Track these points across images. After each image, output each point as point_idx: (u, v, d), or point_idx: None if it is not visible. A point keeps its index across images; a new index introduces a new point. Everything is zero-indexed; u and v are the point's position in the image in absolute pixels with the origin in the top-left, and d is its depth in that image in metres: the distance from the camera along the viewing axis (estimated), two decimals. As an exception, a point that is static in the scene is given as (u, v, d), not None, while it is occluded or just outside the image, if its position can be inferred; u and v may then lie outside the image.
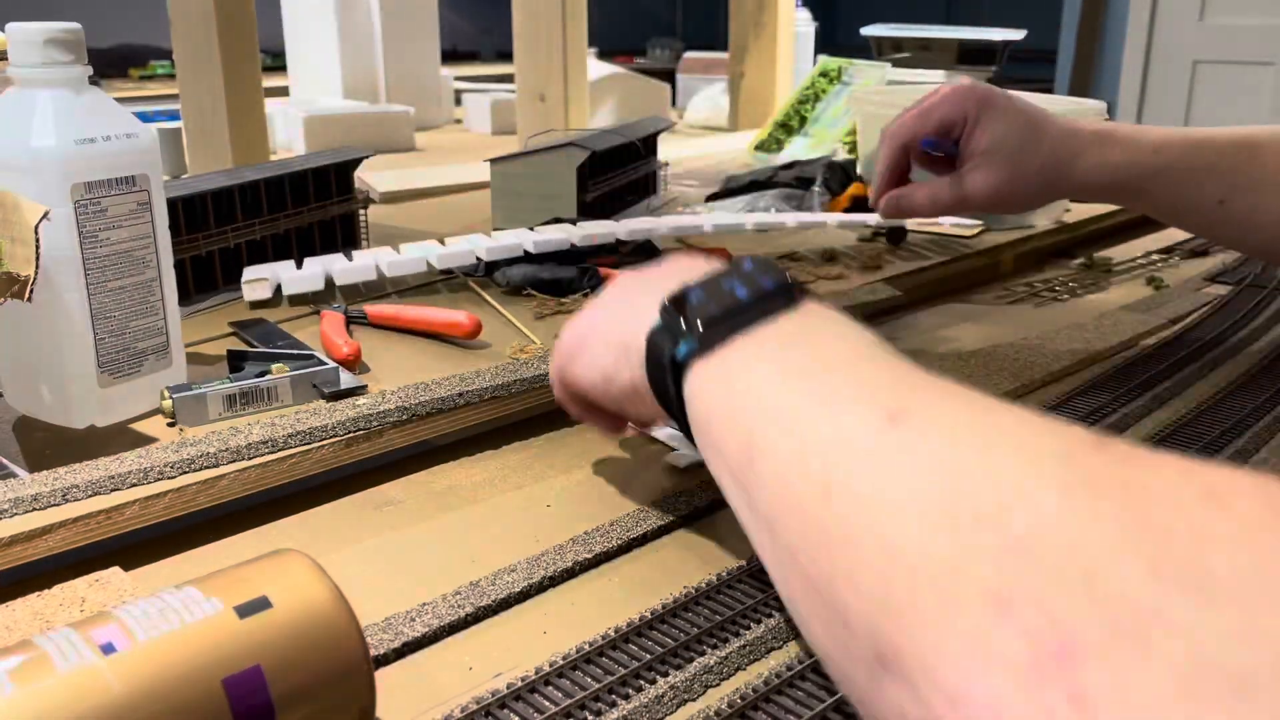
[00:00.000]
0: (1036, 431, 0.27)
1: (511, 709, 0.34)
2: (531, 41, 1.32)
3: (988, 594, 0.23)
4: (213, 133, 1.08)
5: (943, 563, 0.24)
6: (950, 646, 0.23)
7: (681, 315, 0.39)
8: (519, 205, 0.99)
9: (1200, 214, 0.65)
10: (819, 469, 0.30)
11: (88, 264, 0.51)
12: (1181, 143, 0.64)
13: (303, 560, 0.32)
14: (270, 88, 1.23)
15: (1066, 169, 0.65)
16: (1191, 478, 0.23)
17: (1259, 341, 0.74)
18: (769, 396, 0.34)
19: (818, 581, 0.28)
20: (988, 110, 0.66)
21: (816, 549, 0.28)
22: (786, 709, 0.35)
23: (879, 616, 0.25)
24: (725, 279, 0.40)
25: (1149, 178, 0.64)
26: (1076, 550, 0.22)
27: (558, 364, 0.49)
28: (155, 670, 0.27)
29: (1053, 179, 0.65)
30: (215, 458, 0.48)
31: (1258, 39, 3.12)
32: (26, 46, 0.49)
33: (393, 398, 0.54)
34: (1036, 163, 0.65)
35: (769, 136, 1.49)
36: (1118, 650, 0.20)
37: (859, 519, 0.27)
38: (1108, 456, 0.25)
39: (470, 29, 4.10)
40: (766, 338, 0.37)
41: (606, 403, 0.47)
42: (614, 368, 0.44)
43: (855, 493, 0.28)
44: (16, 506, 0.43)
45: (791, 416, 0.33)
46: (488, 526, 0.48)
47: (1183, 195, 0.65)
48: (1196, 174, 0.64)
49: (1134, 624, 0.20)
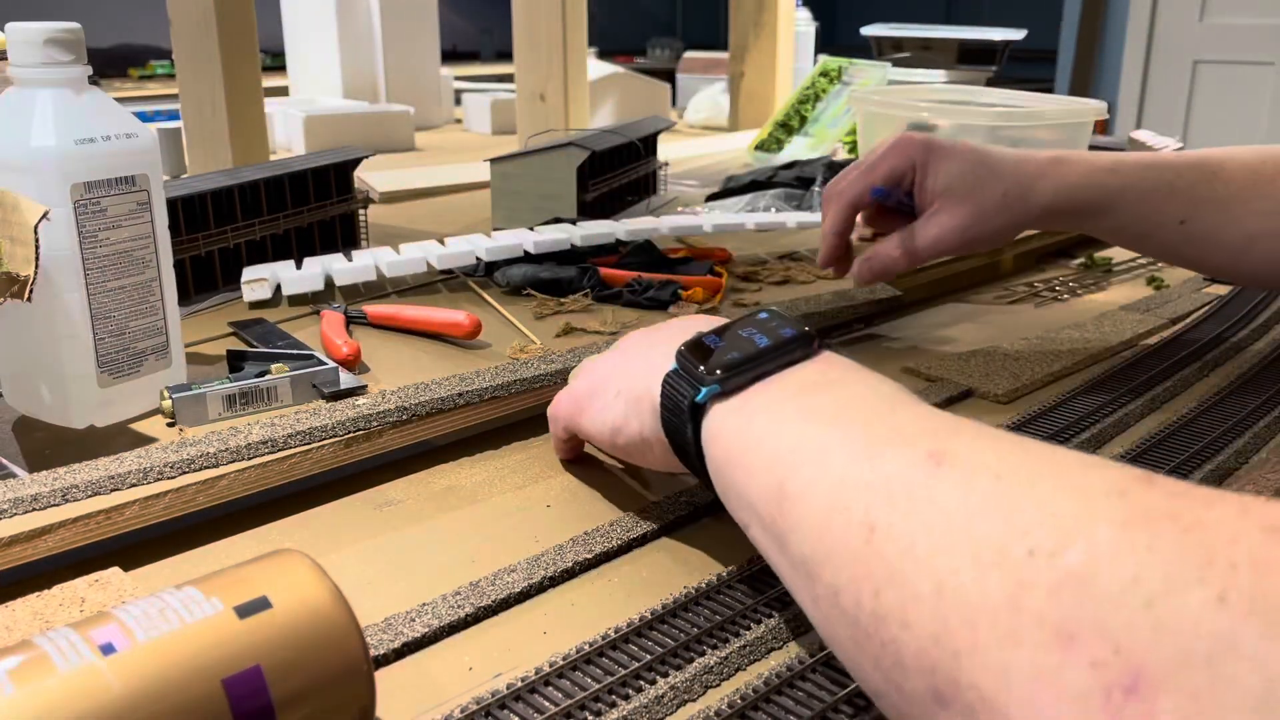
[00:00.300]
0: (1085, 468, 0.27)
1: (511, 709, 0.34)
2: (531, 41, 1.32)
3: (1048, 627, 0.23)
4: (212, 133, 1.08)
5: (1000, 598, 0.24)
6: (1015, 681, 0.23)
7: (700, 361, 0.39)
8: (519, 205, 0.99)
9: (1162, 233, 0.64)
10: (860, 510, 0.29)
11: (87, 264, 0.51)
12: (1136, 164, 0.64)
13: (303, 560, 0.32)
14: (270, 88, 1.23)
15: (1027, 195, 0.64)
16: (1249, 512, 0.23)
17: (1259, 341, 0.74)
18: (799, 438, 0.34)
19: (865, 622, 0.28)
20: (935, 155, 0.66)
21: (862, 590, 0.28)
22: (786, 709, 0.35)
23: (935, 653, 0.25)
24: (743, 328, 0.40)
25: (1109, 197, 0.64)
26: (1138, 581, 0.22)
27: (566, 413, 0.50)
28: (155, 670, 0.27)
29: (1015, 209, 0.64)
30: (215, 458, 0.48)
31: (1258, 39, 3.12)
32: (26, 46, 0.49)
33: (392, 398, 0.54)
34: (997, 194, 0.64)
35: (769, 136, 1.49)
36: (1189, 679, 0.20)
37: (908, 558, 0.27)
38: (1161, 491, 0.25)
39: (470, 29, 4.10)
40: (789, 383, 0.37)
41: (613, 452, 0.48)
42: (623, 419, 0.45)
43: (901, 532, 0.28)
44: (16, 506, 0.43)
45: (825, 459, 0.32)
46: (488, 526, 0.48)
47: (1144, 215, 0.64)
48: (1157, 193, 0.63)
49: (1204, 652, 0.20)
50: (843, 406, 0.35)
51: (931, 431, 0.31)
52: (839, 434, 0.33)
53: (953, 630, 0.25)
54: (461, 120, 1.89)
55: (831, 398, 0.36)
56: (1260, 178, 0.61)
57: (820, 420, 0.34)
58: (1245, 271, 0.64)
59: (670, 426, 0.41)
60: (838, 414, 0.34)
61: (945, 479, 0.28)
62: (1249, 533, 0.22)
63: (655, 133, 1.15)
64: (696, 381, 0.39)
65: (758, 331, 0.39)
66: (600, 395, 0.47)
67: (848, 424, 0.33)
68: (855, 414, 0.34)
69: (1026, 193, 0.64)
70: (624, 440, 0.45)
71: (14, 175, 0.49)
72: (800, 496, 0.32)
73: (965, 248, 0.66)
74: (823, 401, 0.35)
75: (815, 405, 0.35)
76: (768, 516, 0.34)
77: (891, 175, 0.67)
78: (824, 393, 0.36)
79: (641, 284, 0.75)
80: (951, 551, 0.26)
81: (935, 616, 0.26)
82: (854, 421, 0.34)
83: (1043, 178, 0.64)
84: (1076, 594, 0.23)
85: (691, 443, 0.39)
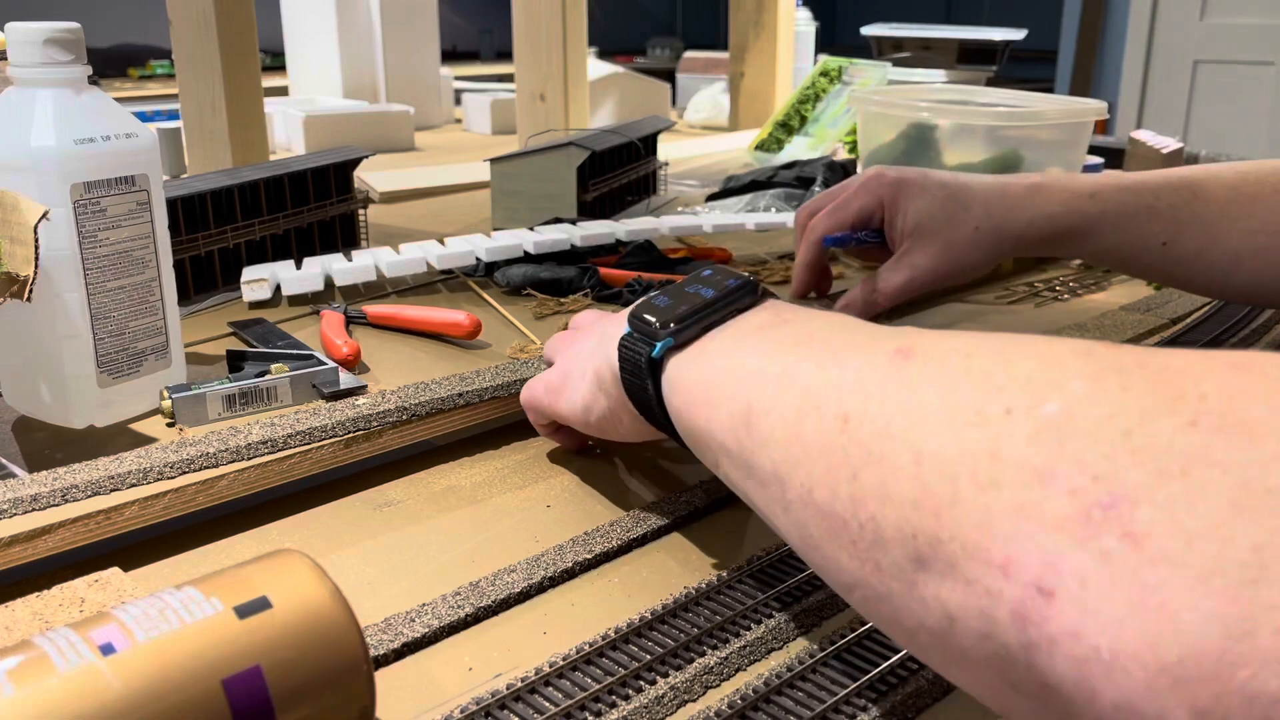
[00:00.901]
0: (1049, 340, 0.27)
1: (511, 709, 0.34)
2: (531, 41, 1.32)
3: (1027, 469, 0.24)
4: (212, 133, 1.08)
5: (978, 453, 0.25)
6: (994, 521, 0.24)
7: (652, 317, 0.40)
8: (519, 205, 0.99)
9: (1147, 256, 0.63)
10: (833, 405, 0.30)
11: (87, 264, 0.51)
12: (1116, 187, 0.63)
13: (302, 560, 0.32)
14: (270, 88, 1.23)
15: (1004, 227, 0.64)
16: (1214, 355, 0.23)
17: (1259, 342, 0.74)
18: (761, 364, 0.35)
19: (841, 509, 0.28)
20: (904, 191, 0.65)
21: (838, 478, 0.29)
22: (786, 709, 0.35)
23: (914, 518, 0.26)
24: (688, 285, 0.41)
25: (1089, 223, 0.63)
26: (1113, 417, 0.23)
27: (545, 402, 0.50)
28: (155, 670, 0.27)
29: (991, 240, 0.64)
30: (215, 458, 0.48)
31: (1258, 39, 3.12)
32: (26, 46, 0.49)
33: (392, 398, 0.54)
34: (969, 228, 0.64)
35: (769, 136, 1.48)
36: (1165, 489, 0.21)
37: (884, 438, 0.28)
38: (1126, 349, 0.25)
39: (470, 29, 4.10)
40: (744, 326, 0.38)
41: (591, 433, 0.49)
42: (591, 397, 0.46)
43: (876, 415, 0.28)
44: (16, 506, 0.43)
45: (791, 375, 0.33)
46: (488, 526, 0.48)
47: (1126, 239, 0.63)
48: (1138, 216, 0.62)
49: (1179, 466, 0.21)
50: (801, 335, 0.35)
51: (896, 334, 0.32)
52: (802, 352, 0.34)
53: (933, 490, 0.25)
54: (461, 120, 1.89)
55: (789, 330, 0.36)
56: (1241, 195, 0.61)
57: (781, 347, 0.35)
58: (1235, 290, 0.63)
59: (632, 389, 0.42)
60: (797, 341, 0.35)
61: (915, 366, 0.29)
62: (1217, 369, 0.23)
63: (655, 133, 1.15)
64: (650, 338, 0.40)
65: (703, 286, 0.41)
66: (570, 377, 0.48)
67: (808, 344, 0.34)
68: (815, 337, 0.35)
69: (1000, 225, 0.64)
70: (596, 418, 0.47)
71: (14, 175, 0.49)
72: (768, 412, 0.33)
73: (938, 284, 0.67)
74: (781, 334, 0.36)
75: (774, 337, 0.36)
76: (734, 443, 0.34)
77: (861, 216, 0.67)
78: (780, 328, 0.37)
79: (641, 284, 0.75)
80: (928, 422, 0.27)
81: (915, 482, 0.26)
82: (814, 341, 0.34)
83: (1017, 209, 0.64)
84: (1055, 437, 0.24)
85: (654, 398, 0.40)
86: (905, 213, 0.65)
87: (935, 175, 0.67)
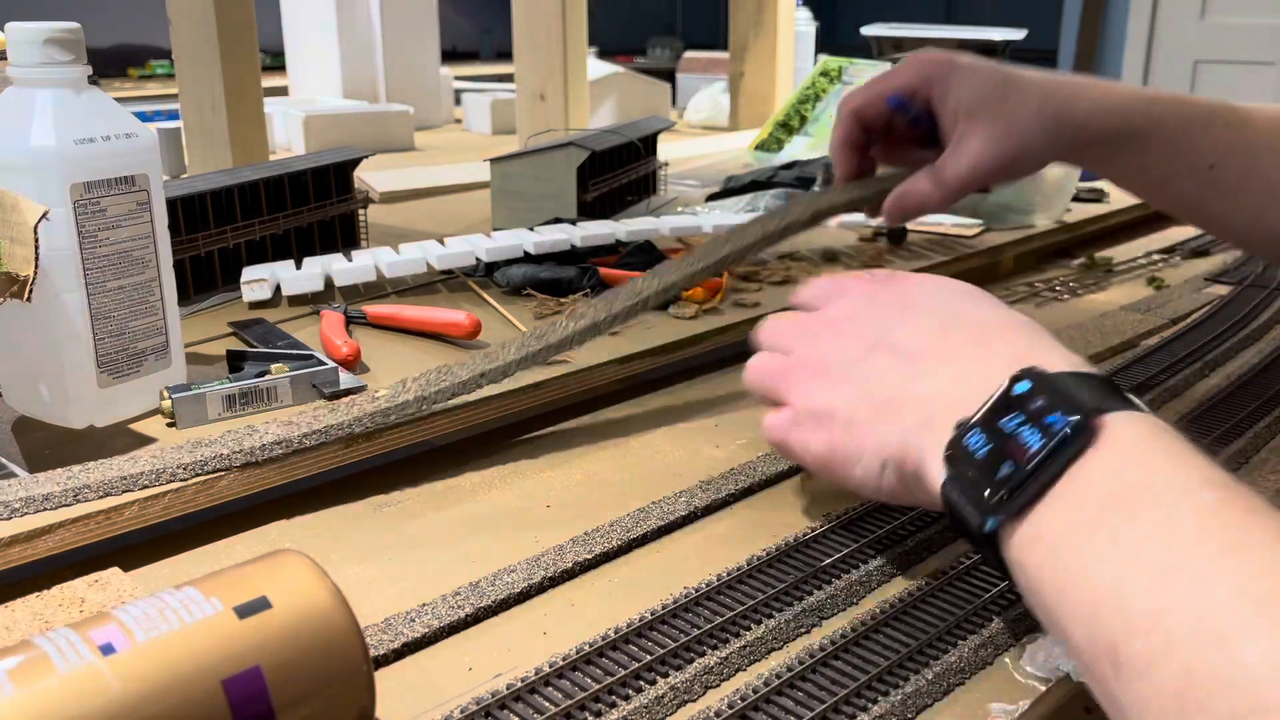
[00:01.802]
0: None
1: (511, 709, 0.34)
2: (531, 41, 1.32)
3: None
4: (212, 133, 1.08)
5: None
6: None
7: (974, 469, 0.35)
8: (519, 205, 0.99)
9: (1190, 179, 0.60)
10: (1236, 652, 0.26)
11: (87, 264, 0.51)
12: (1173, 98, 0.60)
13: (302, 560, 0.32)
14: (270, 88, 1.23)
15: (1066, 113, 0.58)
16: None
17: (1259, 341, 0.74)
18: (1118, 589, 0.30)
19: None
20: (955, 69, 0.59)
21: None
22: (786, 710, 0.35)
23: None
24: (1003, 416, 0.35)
25: (1148, 126, 0.59)
26: None
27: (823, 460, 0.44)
28: (155, 671, 0.27)
29: (1054, 127, 0.58)
30: (229, 459, 0.48)
31: (1258, 39, 3.12)
32: (26, 46, 0.49)
33: (413, 386, 0.54)
34: (1031, 110, 0.58)
35: (769, 136, 1.48)
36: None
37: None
38: None
39: (470, 29, 4.10)
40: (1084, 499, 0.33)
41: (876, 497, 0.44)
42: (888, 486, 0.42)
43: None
44: (28, 505, 0.43)
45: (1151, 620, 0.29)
46: (488, 526, 0.48)
47: (1176, 154, 0.60)
48: (1191, 131, 0.59)
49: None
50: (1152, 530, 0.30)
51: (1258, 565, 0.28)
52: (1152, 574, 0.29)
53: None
54: (461, 120, 1.89)
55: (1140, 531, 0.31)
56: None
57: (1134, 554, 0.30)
58: (1259, 235, 0.60)
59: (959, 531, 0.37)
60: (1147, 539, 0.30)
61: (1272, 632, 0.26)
62: None
63: (655, 133, 1.15)
64: (978, 509, 0.35)
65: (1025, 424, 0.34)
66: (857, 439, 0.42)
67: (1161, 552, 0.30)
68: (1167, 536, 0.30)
69: (1061, 111, 0.58)
70: (888, 493, 0.42)
71: (14, 175, 0.49)
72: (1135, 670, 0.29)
73: (1002, 174, 0.60)
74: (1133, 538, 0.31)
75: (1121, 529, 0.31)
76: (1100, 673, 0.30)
77: (903, 91, 0.61)
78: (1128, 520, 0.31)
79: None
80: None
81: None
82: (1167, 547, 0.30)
83: (1079, 96, 0.59)
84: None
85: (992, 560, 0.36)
86: (959, 91, 0.59)
87: (984, 59, 0.61)
